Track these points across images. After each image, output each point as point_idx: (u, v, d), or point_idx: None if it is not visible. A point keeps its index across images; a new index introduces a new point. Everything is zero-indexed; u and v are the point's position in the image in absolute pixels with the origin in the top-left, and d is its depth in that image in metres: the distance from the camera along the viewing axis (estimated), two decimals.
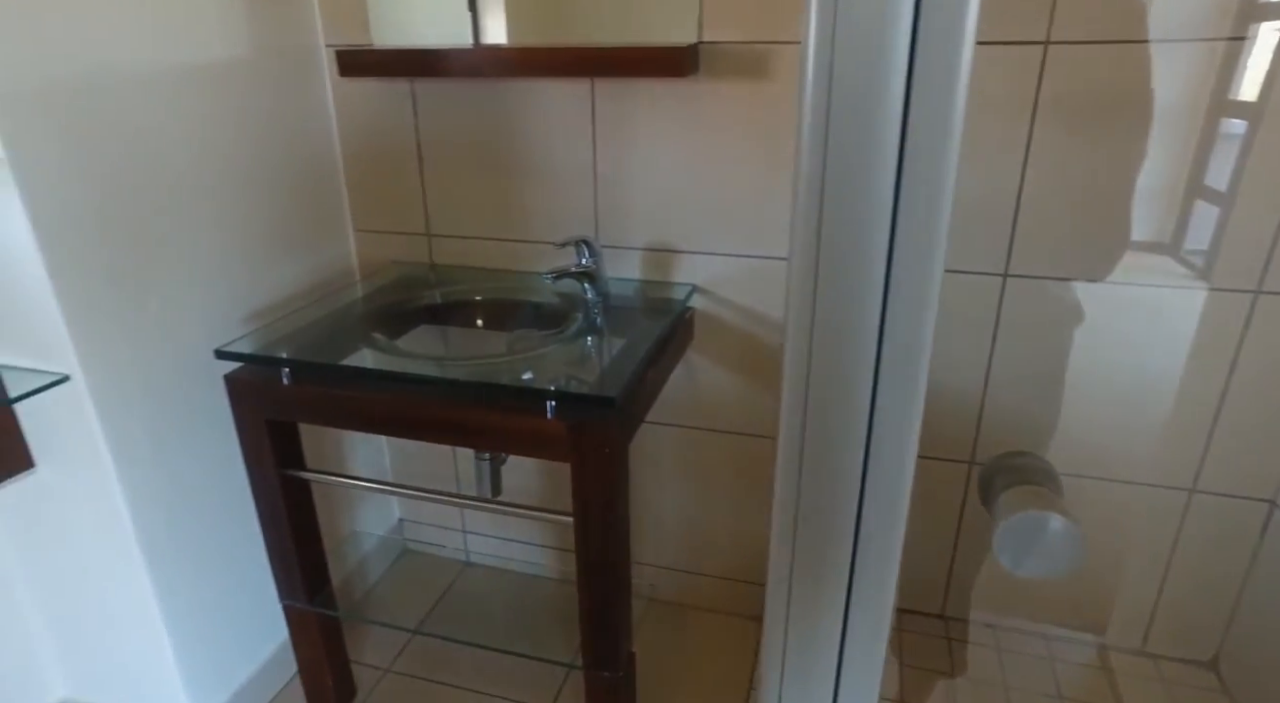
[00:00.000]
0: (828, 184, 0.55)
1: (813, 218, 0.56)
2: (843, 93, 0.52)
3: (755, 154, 1.24)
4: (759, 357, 1.37)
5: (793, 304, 0.59)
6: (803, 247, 0.57)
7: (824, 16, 0.51)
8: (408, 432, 1.07)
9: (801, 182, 0.55)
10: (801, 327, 0.60)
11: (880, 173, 0.53)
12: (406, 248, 1.48)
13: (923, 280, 0.56)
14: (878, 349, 0.58)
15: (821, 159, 0.55)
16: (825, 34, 0.51)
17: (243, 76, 1.22)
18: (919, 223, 0.54)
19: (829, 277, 0.58)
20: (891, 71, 0.50)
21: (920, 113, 0.51)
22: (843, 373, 0.60)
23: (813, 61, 0.52)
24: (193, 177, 1.15)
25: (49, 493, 1.14)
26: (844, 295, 0.57)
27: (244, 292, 1.27)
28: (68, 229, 0.99)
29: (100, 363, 1.05)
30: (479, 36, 1.30)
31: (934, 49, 0.49)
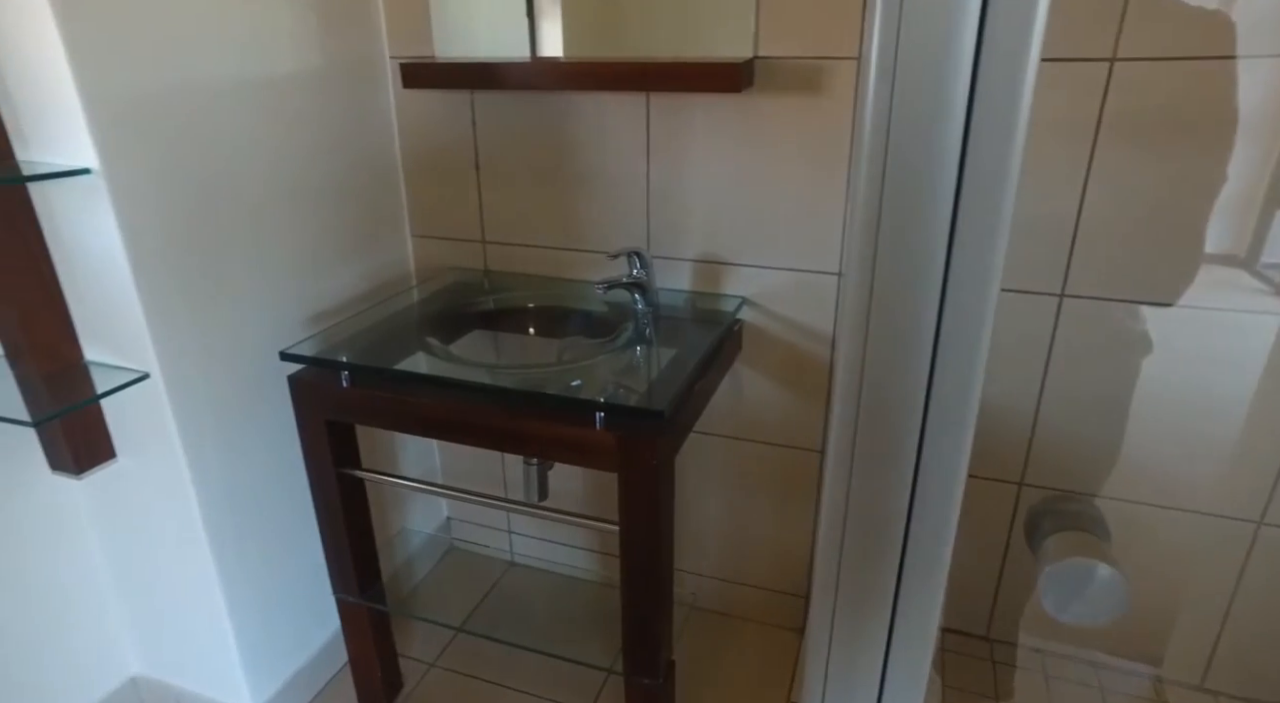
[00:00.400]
0: (886, 200, 0.55)
1: (870, 234, 0.56)
2: (903, 109, 0.52)
3: (808, 169, 1.24)
4: (806, 370, 1.37)
5: (846, 319, 0.59)
6: (858, 262, 0.57)
7: (887, 32, 0.51)
8: (459, 437, 1.10)
9: (859, 197, 0.56)
10: (855, 342, 0.60)
11: (939, 190, 0.52)
12: (462, 254, 1.52)
13: (979, 300, 0.55)
14: (930, 368, 0.58)
15: (880, 175, 0.55)
16: (888, 49, 0.51)
17: (313, 88, 1.27)
18: (977, 242, 0.53)
19: (884, 293, 0.58)
20: (953, 89, 0.50)
21: (981, 131, 0.50)
22: (895, 390, 0.60)
23: (874, 77, 0.52)
24: (265, 184, 1.21)
25: (128, 482, 1.20)
26: (898, 312, 0.57)
27: (308, 294, 1.32)
28: (151, 235, 1.04)
29: (176, 361, 1.11)
30: (537, 49, 1.33)
31: (997, 68, 0.49)
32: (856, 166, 0.56)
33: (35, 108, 0.96)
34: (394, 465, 1.61)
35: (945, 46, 0.49)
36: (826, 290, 1.30)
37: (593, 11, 1.29)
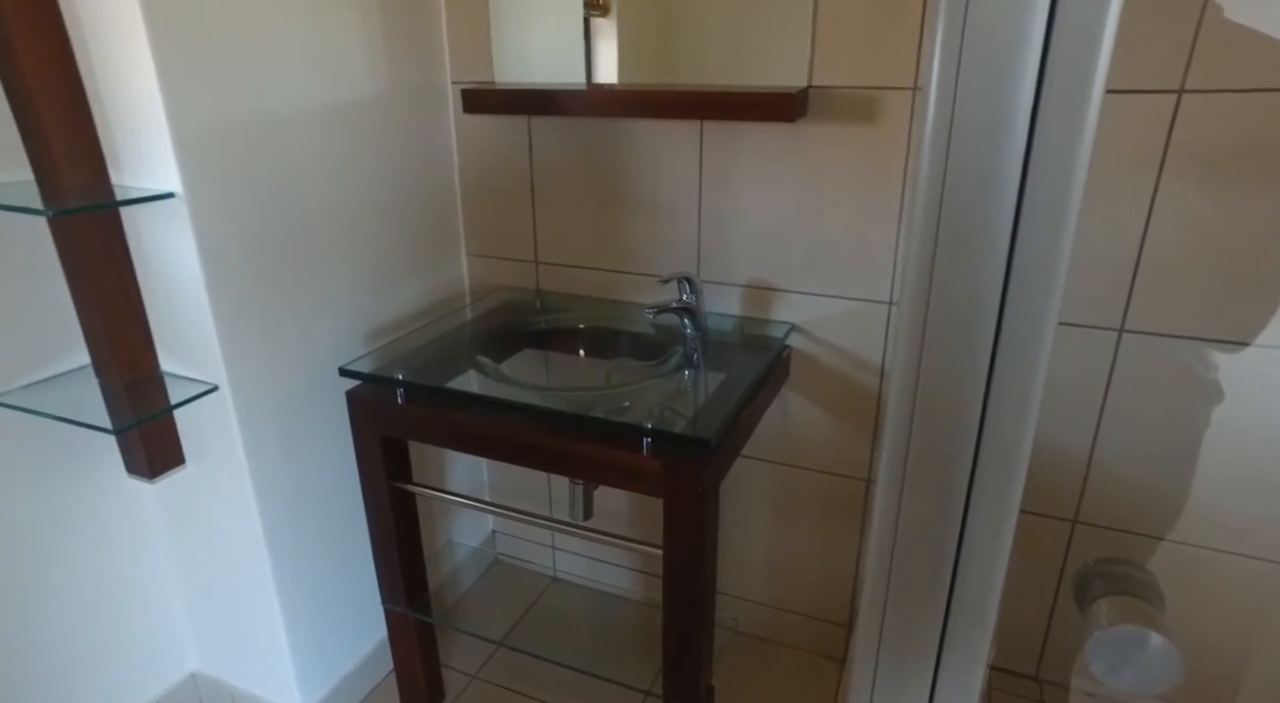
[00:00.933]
0: (942, 230, 0.55)
1: (925, 264, 0.56)
2: (963, 139, 0.52)
3: (860, 197, 1.24)
4: (854, 398, 1.37)
5: (900, 350, 0.59)
6: (913, 293, 0.57)
7: (947, 62, 0.51)
8: (508, 456, 1.12)
9: (915, 227, 0.55)
10: (908, 374, 0.59)
11: (997, 222, 0.52)
12: (515, 274, 1.56)
13: (1035, 335, 0.54)
14: (984, 401, 0.58)
15: (937, 205, 0.55)
16: (948, 79, 0.51)
17: (379, 113, 1.32)
18: (1035, 275, 0.53)
19: (938, 325, 0.57)
20: (1014, 121, 0.50)
21: (1042, 163, 0.50)
22: (947, 423, 0.59)
23: (934, 107, 0.52)
24: (330, 206, 1.26)
25: (195, 487, 1.26)
26: (953, 345, 0.57)
27: (367, 311, 1.37)
28: (226, 255, 1.10)
29: (243, 375, 1.16)
30: (592, 75, 1.36)
31: (1060, 100, 0.48)
32: (913, 196, 0.56)
33: (129, 136, 1.03)
34: (443, 479, 1.65)
35: (1007, 78, 0.49)
36: (876, 319, 1.30)
37: (647, 39, 1.32)
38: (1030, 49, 0.48)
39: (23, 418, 1.10)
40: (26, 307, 1.10)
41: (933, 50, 0.51)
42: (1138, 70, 1.06)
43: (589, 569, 1.76)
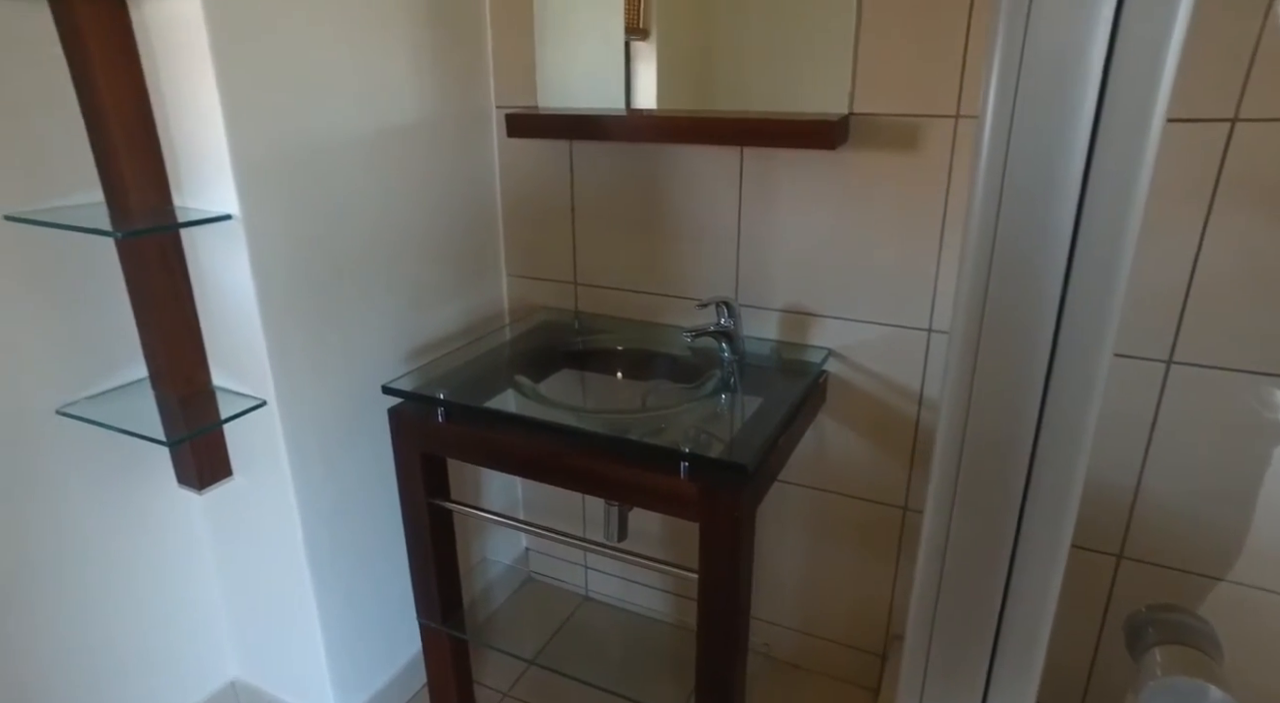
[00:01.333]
0: (996, 259, 0.55)
1: (978, 294, 0.56)
2: (1018, 168, 0.51)
3: (900, 224, 1.24)
4: (891, 425, 1.35)
5: (950, 382, 0.58)
6: (964, 324, 0.57)
7: (1003, 91, 0.51)
8: (546, 477, 1.13)
9: (969, 256, 0.55)
10: (957, 406, 0.59)
11: (1051, 252, 0.52)
12: (554, 294, 1.58)
13: (1089, 367, 0.54)
14: (1035, 432, 0.57)
15: (991, 234, 0.54)
16: (1004, 108, 0.51)
17: (426, 137, 1.36)
18: (1089, 307, 0.52)
19: (990, 353, 0.57)
20: (1071, 150, 0.49)
21: (1099, 193, 0.49)
22: (998, 455, 0.58)
23: (988, 135, 0.51)
24: (377, 226, 1.29)
25: (240, 498, 1.30)
26: (1004, 374, 0.56)
27: (408, 330, 1.40)
28: (277, 275, 1.14)
29: (290, 391, 1.19)
30: (634, 98, 1.38)
31: (1119, 130, 0.48)
32: (966, 225, 0.55)
33: (192, 160, 1.07)
34: (478, 495, 1.67)
35: (1064, 106, 0.48)
36: (915, 346, 1.29)
37: (687, 62, 1.33)
38: (1089, 78, 0.47)
39: (84, 427, 1.14)
40: (93, 321, 1.14)
41: (988, 78, 0.50)
42: (1190, 98, 1.04)
43: (621, 590, 1.77)
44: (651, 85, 1.37)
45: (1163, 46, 0.45)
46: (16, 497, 1.11)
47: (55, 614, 1.18)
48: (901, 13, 1.15)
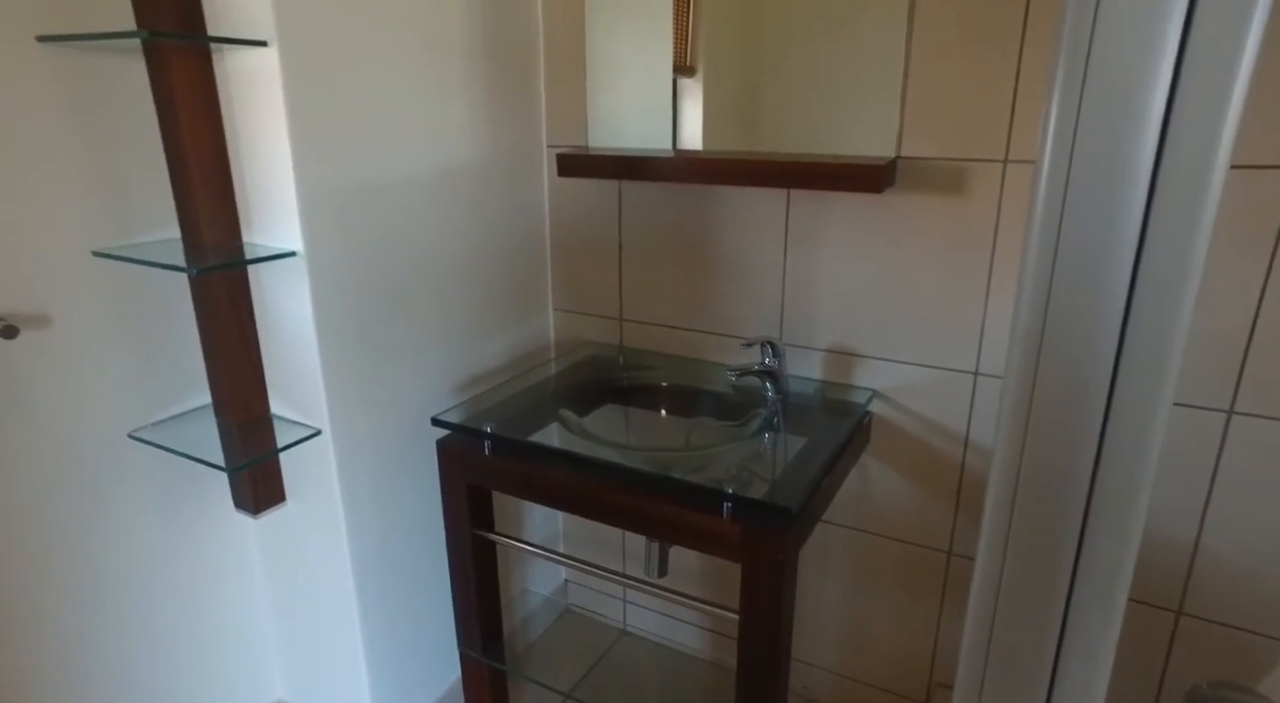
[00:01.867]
0: (1052, 305, 0.54)
1: (1033, 339, 0.55)
2: (1075, 214, 0.50)
3: (946, 267, 1.24)
4: (936, 468, 1.34)
5: (1003, 429, 0.57)
6: (1019, 370, 0.56)
7: (1061, 136, 0.51)
8: (589, 512, 1.15)
9: (1024, 301, 0.54)
10: (1010, 454, 0.58)
11: (1109, 300, 0.51)
12: (599, 329, 1.60)
13: (1148, 417, 0.52)
14: (1091, 481, 0.55)
15: (1047, 279, 0.54)
16: (1061, 152, 0.51)
17: (480, 176, 1.40)
18: (1148, 353, 0.51)
19: (1045, 400, 0.56)
20: (1131, 196, 0.48)
21: (1158, 243, 0.49)
22: (1052, 503, 0.57)
23: (1046, 181, 0.51)
24: (430, 262, 1.34)
25: (292, 523, 1.34)
26: (1060, 421, 0.55)
27: (458, 362, 1.44)
28: (335, 307, 1.18)
29: (343, 420, 1.23)
30: (679, 133, 1.40)
31: (1179, 176, 0.47)
32: (1022, 271, 0.55)
33: (261, 200, 1.13)
34: (519, 524, 1.68)
35: (1123, 152, 0.48)
36: (961, 388, 1.28)
37: (732, 99, 1.36)
38: (1149, 122, 0.47)
39: (151, 450, 1.20)
40: (163, 349, 1.20)
41: (1045, 124, 0.50)
42: (1254, 143, 1.03)
43: (660, 625, 1.76)
44: (697, 121, 1.39)
45: (1227, 90, 0.44)
46: (89, 515, 1.16)
47: (117, 629, 1.23)
48: (950, 56, 1.16)
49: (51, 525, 1.13)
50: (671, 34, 1.36)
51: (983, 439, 1.29)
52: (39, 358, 1.07)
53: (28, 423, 1.08)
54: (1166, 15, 0.46)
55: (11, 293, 1.03)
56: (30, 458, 1.09)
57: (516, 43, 1.43)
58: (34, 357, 1.07)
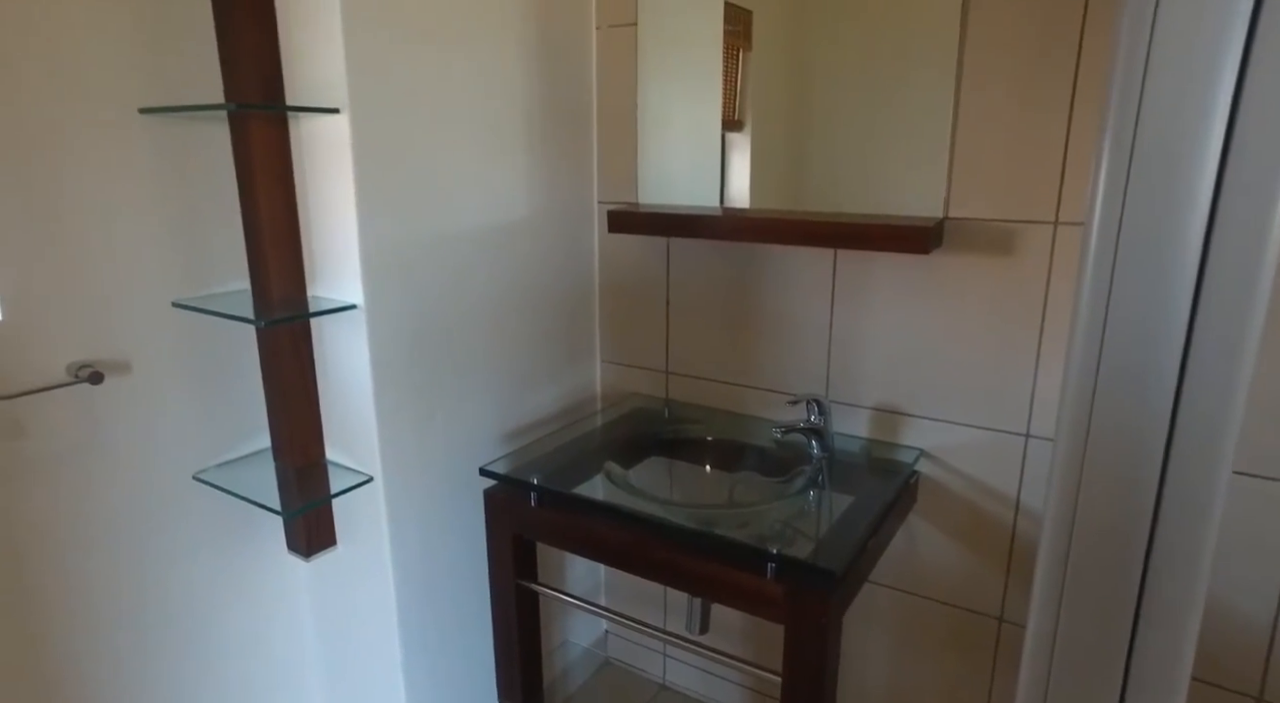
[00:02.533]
0: (1103, 371, 0.53)
1: (1084, 405, 0.54)
2: (1126, 277, 0.50)
3: (995, 328, 1.23)
4: (986, 531, 1.31)
5: (1054, 493, 0.56)
6: (1069, 434, 0.55)
7: (1110, 198, 0.50)
8: (632, 567, 1.15)
9: (1074, 365, 0.53)
10: (1062, 520, 0.57)
11: (1162, 364, 0.50)
12: (645, 382, 1.62)
13: (1205, 485, 0.51)
14: (1146, 554, 0.54)
15: (1098, 346, 0.53)
16: (1111, 216, 0.51)
17: (532, 230, 1.45)
18: (1204, 419, 0.50)
19: (1096, 467, 0.55)
20: (1183, 259, 0.48)
21: (1213, 302, 0.48)
22: (1105, 572, 0.56)
23: (1095, 243, 0.51)
24: (482, 314, 1.38)
25: (341, 566, 1.36)
26: (1112, 488, 0.54)
27: (507, 412, 1.47)
28: (390, 357, 1.23)
29: (395, 467, 1.27)
30: (727, 187, 1.43)
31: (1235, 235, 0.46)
32: (1071, 335, 0.54)
33: (326, 255, 1.19)
34: (561, 574, 1.69)
35: (1175, 214, 0.48)
36: (1011, 450, 1.26)
37: (780, 158, 1.38)
38: (1202, 185, 0.46)
39: (211, 490, 1.25)
40: (229, 395, 1.26)
41: (1095, 186, 0.50)
42: None
43: (699, 682, 1.73)
44: (745, 175, 1.42)
45: None
46: (153, 551, 1.21)
47: (171, 661, 1.27)
48: (999, 117, 1.17)
49: (119, 560, 1.18)
50: (720, 91, 1.40)
51: (1034, 503, 1.26)
52: (119, 403, 1.14)
53: (106, 464, 1.14)
54: (1217, 79, 0.45)
55: (99, 341, 1.10)
56: (105, 497, 1.14)
57: (572, 105, 1.49)
58: (114, 401, 1.13)
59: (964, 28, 1.16)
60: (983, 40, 1.16)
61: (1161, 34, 0.47)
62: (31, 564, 1.09)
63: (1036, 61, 1.13)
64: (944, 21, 1.17)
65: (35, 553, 1.09)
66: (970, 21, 1.16)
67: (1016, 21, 1.13)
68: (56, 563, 1.11)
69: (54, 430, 1.08)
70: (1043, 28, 1.11)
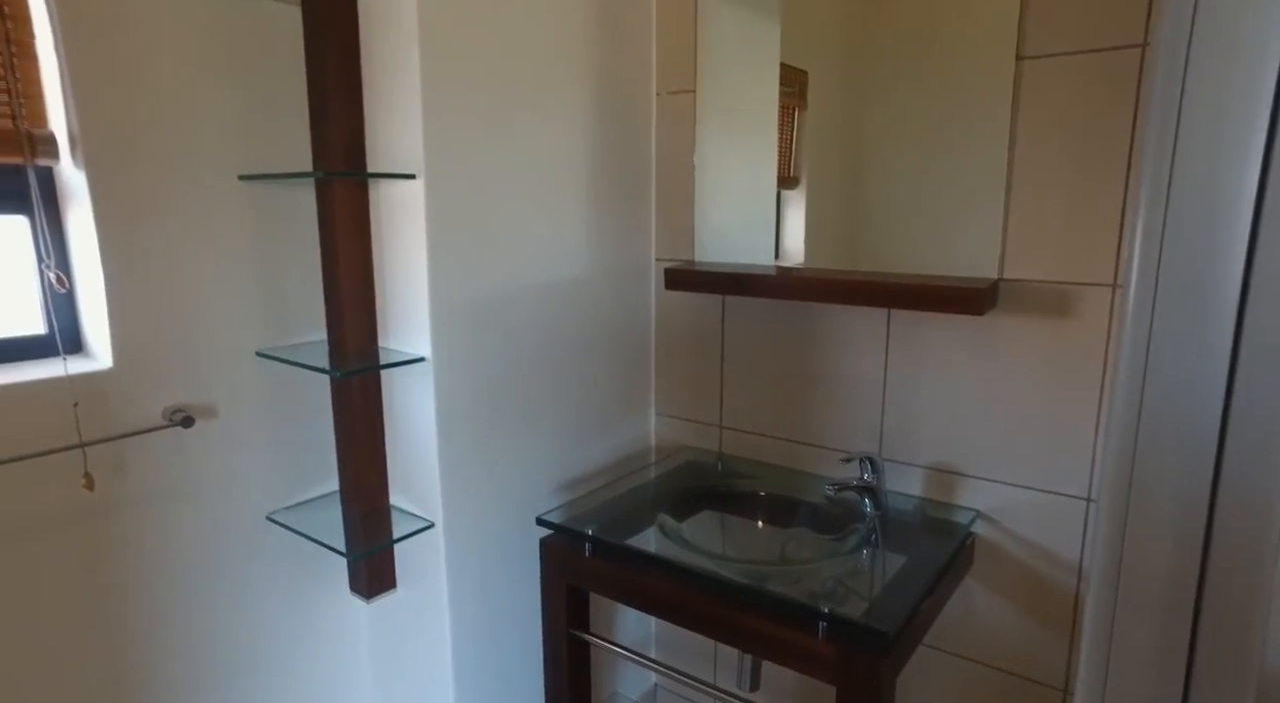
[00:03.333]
0: (1143, 429, 0.54)
1: (1125, 463, 0.54)
2: (1164, 338, 0.51)
3: (1054, 390, 1.22)
4: (1047, 597, 1.28)
5: (1098, 558, 0.56)
6: (1111, 496, 0.55)
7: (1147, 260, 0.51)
8: (685, 622, 1.16)
9: (1114, 424, 0.54)
10: (1107, 579, 0.56)
11: (1203, 420, 0.50)
12: (699, 435, 1.65)
13: (1251, 551, 0.51)
14: (1194, 618, 0.54)
15: (1137, 405, 0.54)
16: (1148, 278, 0.52)
17: (592, 286, 1.51)
18: (1248, 486, 0.50)
19: (1139, 529, 0.55)
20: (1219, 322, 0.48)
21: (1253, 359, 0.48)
22: (1151, 639, 0.55)
23: (1133, 304, 0.52)
24: (541, 367, 1.43)
25: (399, 609, 1.40)
26: (1155, 553, 0.54)
27: (562, 463, 1.50)
28: (454, 408, 1.28)
29: (455, 513, 1.31)
30: (782, 243, 1.46)
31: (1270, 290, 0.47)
32: (1111, 396, 0.54)
33: (397, 310, 1.26)
34: (610, 624, 1.69)
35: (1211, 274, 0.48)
36: (1073, 514, 1.23)
37: (834, 216, 1.41)
38: (1237, 240, 0.47)
39: (281, 531, 1.31)
40: (301, 440, 1.33)
41: (1131, 248, 0.51)
42: None
43: None
44: (799, 231, 1.45)
45: None
46: (227, 586, 1.27)
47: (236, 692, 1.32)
48: (1054, 176, 1.18)
49: (197, 592, 1.24)
50: (776, 149, 1.45)
51: None
52: (205, 445, 1.22)
53: (192, 502, 1.21)
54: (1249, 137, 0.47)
55: (191, 387, 1.19)
56: (190, 533, 1.22)
57: (632, 166, 1.56)
58: (202, 444, 1.21)
59: (1017, 90, 1.19)
60: (1037, 103, 1.18)
61: (1192, 93, 0.48)
62: (117, 593, 1.16)
63: (1091, 124, 1.14)
64: (997, 85, 1.20)
65: (123, 583, 1.16)
66: (1024, 85, 1.18)
67: (1070, 85, 1.15)
68: (141, 593, 1.18)
69: (149, 470, 1.16)
70: (1097, 92, 1.13)
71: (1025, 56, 1.17)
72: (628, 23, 1.50)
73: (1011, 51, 1.18)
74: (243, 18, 1.18)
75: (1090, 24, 1.12)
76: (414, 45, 1.14)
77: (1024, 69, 1.18)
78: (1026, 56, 1.17)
